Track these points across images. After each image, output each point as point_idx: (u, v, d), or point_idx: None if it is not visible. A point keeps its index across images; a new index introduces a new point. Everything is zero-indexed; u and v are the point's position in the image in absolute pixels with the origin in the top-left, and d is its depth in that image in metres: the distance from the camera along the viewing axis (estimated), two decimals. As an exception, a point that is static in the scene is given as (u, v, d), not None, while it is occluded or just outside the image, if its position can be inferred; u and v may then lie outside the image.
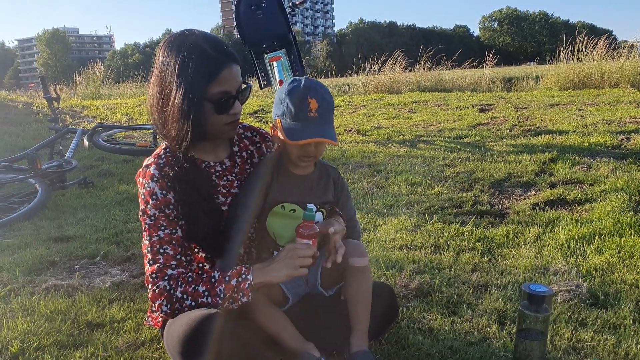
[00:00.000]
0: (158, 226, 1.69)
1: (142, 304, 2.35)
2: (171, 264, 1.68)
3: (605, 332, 1.97)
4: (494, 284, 2.38)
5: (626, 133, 5.07)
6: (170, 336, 1.65)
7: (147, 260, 1.71)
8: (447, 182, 3.92)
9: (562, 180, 3.81)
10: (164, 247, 1.69)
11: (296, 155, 1.78)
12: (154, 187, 1.69)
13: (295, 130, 1.70)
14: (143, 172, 1.73)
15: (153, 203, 1.69)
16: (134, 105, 9.87)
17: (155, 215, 1.69)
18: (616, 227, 2.90)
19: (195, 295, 1.64)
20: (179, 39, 1.68)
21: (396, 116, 7.47)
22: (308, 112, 1.70)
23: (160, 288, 1.66)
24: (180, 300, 1.64)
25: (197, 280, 1.66)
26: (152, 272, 1.69)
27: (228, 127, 1.75)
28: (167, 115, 1.68)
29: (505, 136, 5.47)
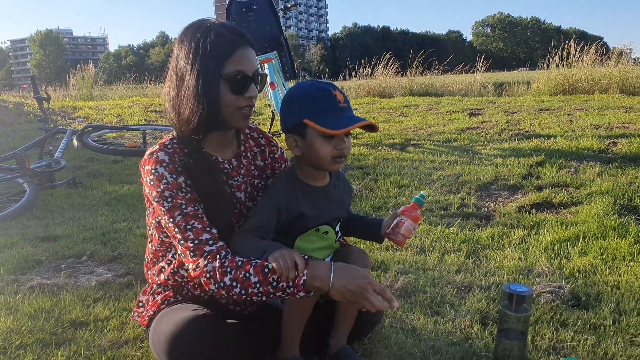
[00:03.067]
0: (178, 205, 1.60)
1: (126, 303, 2.35)
2: (203, 237, 1.59)
3: (585, 332, 1.99)
4: (477, 284, 2.40)
5: (613, 138, 5.12)
6: (157, 335, 1.64)
7: (177, 242, 1.61)
8: (434, 185, 3.94)
9: (549, 183, 3.84)
10: (191, 222, 1.59)
11: (330, 157, 1.64)
12: (162, 171, 1.61)
13: (335, 121, 1.59)
14: (148, 159, 1.64)
15: (164, 186, 1.60)
16: (125, 106, 9.86)
17: (172, 195, 1.60)
18: (600, 230, 2.93)
19: (246, 284, 1.53)
20: (194, 25, 1.66)
21: (387, 120, 7.50)
22: (338, 102, 1.62)
23: (200, 268, 1.56)
24: (229, 288, 1.54)
25: (246, 267, 1.54)
26: (189, 250, 1.58)
27: (241, 113, 1.67)
28: (181, 98, 1.63)
29: (494, 140, 5.50)
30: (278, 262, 1.50)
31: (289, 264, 1.50)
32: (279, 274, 1.50)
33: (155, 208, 1.67)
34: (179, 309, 1.66)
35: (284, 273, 1.49)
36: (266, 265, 1.53)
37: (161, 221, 1.66)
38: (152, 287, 1.85)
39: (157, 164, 1.61)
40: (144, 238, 3.13)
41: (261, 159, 1.91)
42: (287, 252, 1.53)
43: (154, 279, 1.81)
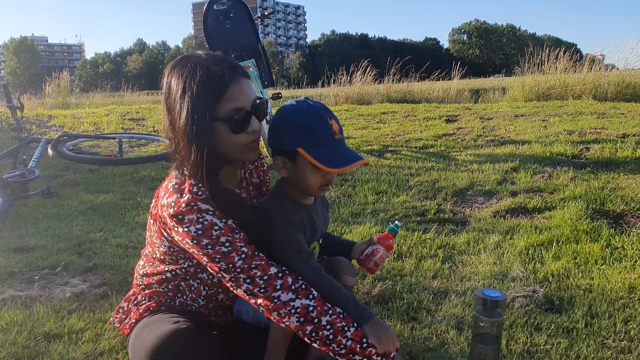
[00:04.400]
0: (237, 247, 1.52)
1: (102, 314, 2.32)
2: (271, 271, 1.53)
3: (558, 336, 2.02)
4: (453, 290, 2.42)
5: (586, 143, 5.22)
6: (138, 347, 1.62)
7: (243, 281, 1.52)
8: (411, 191, 3.97)
9: (524, 189, 3.89)
10: (253, 263, 1.52)
11: (319, 185, 1.63)
12: (211, 219, 1.51)
13: (331, 157, 1.56)
14: (187, 209, 1.50)
15: (218, 233, 1.51)
16: (102, 114, 9.75)
17: (229, 240, 1.52)
18: (573, 234, 2.98)
19: (339, 334, 1.51)
20: (181, 61, 1.57)
21: (365, 126, 7.54)
22: (334, 134, 1.57)
23: (282, 302, 1.51)
24: (319, 328, 1.51)
25: (348, 322, 1.53)
26: (256, 288, 1.52)
27: (248, 147, 1.59)
28: (177, 141, 1.55)
29: (470, 146, 5.57)
30: (381, 343, 1.53)
31: (391, 347, 1.54)
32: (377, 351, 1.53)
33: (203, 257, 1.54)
34: (161, 320, 1.63)
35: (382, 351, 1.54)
36: (365, 337, 1.53)
37: (210, 267, 1.55)
38: (137, 297, 1.82)
39: (202, 212, 1.51)
40: (120, 248, 3.10)
41: (256, 176, 1.87)
42: (389, 335, 1.55)
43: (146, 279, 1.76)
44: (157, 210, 1.60)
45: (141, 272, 1.77)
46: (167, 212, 1.52)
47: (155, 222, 1.63)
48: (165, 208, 1.53)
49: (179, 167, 1.57)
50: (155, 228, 1.64)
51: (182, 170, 1.56)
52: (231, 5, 4.95)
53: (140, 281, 1.79)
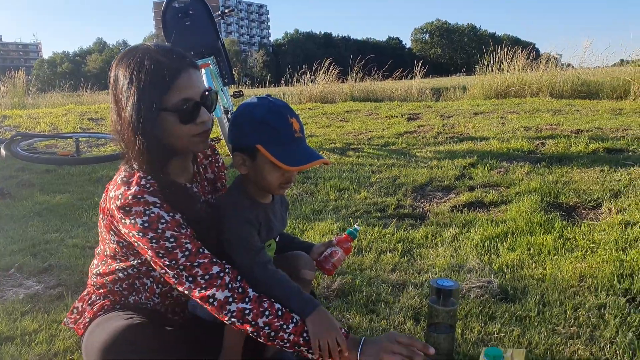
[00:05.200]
0: (181, 245, 1.51)
1: (57, 315, 2.28)
2: (213, 270, 1.52)
3: (512, 324, 2.08)
4: (411, 282, 2.46)
5: (542, 139, 5.36)
6: (90, 345, 1.59)
7: (185, 279, 1.51)
8: (372, 188, 4.02)
9: (481, 183, 3.98)
10: (196, 261, 1.51)
11: (278, 183, 1.63)
12: (158, 211, 1.50)
13: (289, 155, 1.56)
14: (134, 201, 1.49)
15: (164, 226, 1.50)
16: (59, 114, 9.54)
17: (175, 235, 1.51)
18: (527, 226, 3.06)
19: (278, 333, 1.52)
20: (129, 52, 1.54)
21: (329, 125, 7.58)
22: (294, 133, 1.57)
23: (219, 303, 1.51)
24: (259, 329, 1.52)
25: (286, 319, 1.53)
26: (199, 287, 1.51)
27: (198, 138, 1.57)
28: (123, 132, 1.53)
29: (430, 143, 5.66)
30: (317, 346, 1.51)
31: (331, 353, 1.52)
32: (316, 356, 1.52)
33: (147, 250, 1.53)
34: (114, 317, 1.62)
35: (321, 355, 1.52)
36: (305, 330, 1.52)
37: (153, 261, 1.54)
38: (91, 296, 1.80)
39: (149, 204, 1.50)
40: (77, 248, 3.05)
41: (211, 171, 1.86)
42: (328, 337, 1.52)
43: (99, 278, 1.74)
44: (106, 204, 1.58)
45: (94, 271, 1.75)
46: (115, 204, 1.50)
47: (104, 216, 1.61)
48: (113, 200, 1.51)
49: (127, 160, 1.55)
50: (105, 222, 1.61)
51: (131, 163, 1.54)
52: (190, 2, 4.91)
53: (94, 281, 1.77)
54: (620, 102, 8.61)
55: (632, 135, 5.28)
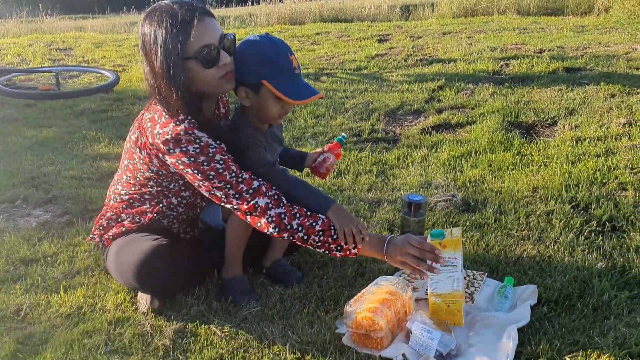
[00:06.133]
0: (229, 167, 1.74)
1: (71, 239, 2.53)
2: (254, 185, 1.75)
3: (472, 230, 2.42)
4: (386, 199, 2.77)
5: (506, 59, 5.61)
6: (123, 263, 1.90)
7: (232, 197, 1.75)
8: (347, 113, 4.26)
9: (448, 106, 4.26)
10: (240, 175, 1.75)
11: (278, 115, 1.85)
12: (207, 140, 1.73)
13: (292, 90, 1.75)
14: (185, 135, 1.71)
15: (214, 150, 1.73)
16: (24, 44, 9.34)
17: (223, 159, 1.74)
18: (489, 145, 3.38)
19: (310, 231, 1.76)
20: (150, 12, 1.72)
21: (300, 48, 7.66)
22: (294, 69, 1.77)
23: (261, 211, 1.74)
24: (294, 231, 1.76)
25: (314, 218, 1.77)
26: (246, 201, 1.74)
27: (223, 80, 1.75)
28: (159, 85, 1.72)
29: (401, 66, 5.86)
30: (343, 233, 1.76)
31: (353, 237, 1.76)
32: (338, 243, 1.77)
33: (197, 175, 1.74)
34: (139, 239, 1.92)
35: (345, 242, 1.77)
36: (332, 225, 1.77)
37: (203, 185, 1.76)
38: (120, 215, 2.05)
39: (198, 137, 1.73)
40: (75, 179, 3.26)
41: (222, 106, 2.09)
42: (351, 224, 1.76)
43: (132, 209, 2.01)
44: (147, 140, 1.81)
45: (122, 192, 2.02)
46: (163, 138, 1.73)
47: (142, 150, 1.85)
48: (161, 135, 1.74)
49: (164, 105, 1.76)
50: (143, 155, 1.86)
51: (169, 108, 1.74)
52: None
53: (119, 201, 2.04)
54: (584, 18, 8.82)
55: (591, 54, 5.56)
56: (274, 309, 1.91)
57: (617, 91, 4.15)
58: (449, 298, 1.72)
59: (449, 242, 1.70)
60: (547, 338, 1.65)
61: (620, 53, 5.52)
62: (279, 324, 1.81)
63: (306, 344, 1.70)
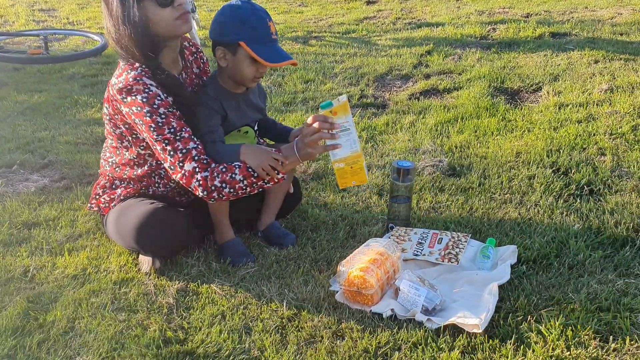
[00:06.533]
0: (169, 122, 1.82)
1: (70, 203, 2.61)
2: (189, 145, 1.84)
3: (457, 194, 2.53)
4: (375, 164, 2.87)
5: (493, 24, 5.65)
6: (122, 225, 1.99)
7: (168, 154, 1.84)
8: (337, 78, 4.32)
9: (436, 71, 4.32)
10: (179, 133, 1.83)
11: (252, 77, 1.93)
12: (155, 90, 1.82)
13: (268, 53, 1.85)
14: (134, 83, 1.80)
15: (159, 103, 1.81)
16: (6, 5, 9.16)
17: (166, 113, 1.82)
18: (475, 110, 3.47)
19: (233, 183, 1.84)
20: None
21: (288, 10, 7.61)
22: (271, 35, 1.87)
23: (188, 175, 1.83)
24: (220, 189, 1.85)
25: (231, 169, 1.85)
26: (178, 160, 1.83)
27: (179, 21, 1.82)
28: (116, 27, 1.80)
29: (389, 30, 5.88)
30: (262, 171, 1.84)
31: (273, 169, 1.85)
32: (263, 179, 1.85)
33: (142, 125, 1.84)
34: (136, 204, 2.00)
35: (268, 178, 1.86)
36: (249, 167, 1.85)
37: (147, 137, 1.86)
38: (113, 182, 2.14)
39: (147, 85, 1.81)
40: (70, 145, 3.32)
41: (196, 66, 2.17)
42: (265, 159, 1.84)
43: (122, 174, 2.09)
44: (109, 93, 1.91)
45: (110, 160, 2.10)
46: (117, 87, 1.83)
47: (109, 104, 1.95)
48: (115, 85, 1.84)
49: (124, 56, 1.86)
50: (110, 110, 1.95)
51: (128, 57, 1.84)
52: None
53: (110, 169, 2.13)
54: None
55: (577, 19, 5.62)
56: (271, 269, 2.02)
57: (600, 57, 4.24)
58: (350, 160, 1.84)
59: (338, 108, 1.80)
60: (525, 294, 1.78)
61: (606, 18, 5.58)
62: (275, 283, 1.93)
63: (302, 300, 1.82)
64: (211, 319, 1.76)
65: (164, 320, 1.77)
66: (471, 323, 1.61)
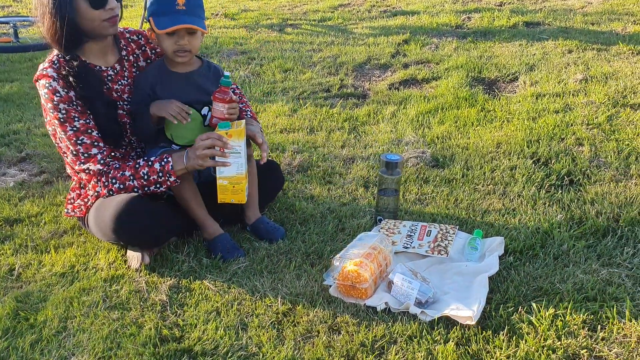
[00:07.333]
0: (72, 117, 1.91)
1: (52, 198, 2.57)
2: (92, 152, 1.93)
3: (442, 185, 2.57)
4: (359, 156, 2.89)
5: (468, 12, 5.70)
6: (100, 217, 1.97)
7: (70, 152, 1.94)
8: (315, 67, 4.31)
9: (414, 60, 4.35)
10: (80, 137, 1.92)
11: (172, 50, 1.97)
12: (55, 85, 1.88)
13: (163, 22, 1.91)
14: (41, 75, 1.90)
15: (58, 99, 1.89)
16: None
17: (66, 108, 1.90)
18: (455, 101, 3.51)
19: (122, 179, 1.94)
20: None
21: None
22: (175, 5, 1.90)
23: (93, 171, 1.93)
24: (111, 184, 1.94)
25: (123, 167, 1.95)
26: (78, 161, 1.94)
27: (107, 23, 1.90)
28: (41, 14, 1.86)
29: (365, 18, 5.88)
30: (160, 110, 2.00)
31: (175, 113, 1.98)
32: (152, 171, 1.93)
33: (51, 119, 1.94)
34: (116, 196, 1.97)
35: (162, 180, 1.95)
36: (137, 162, 1.93)
37: (55, 132, 1.96)
38: (80, 182, 2.12)
39: (49, 78, 1.88)
40: (47, 137, 3.24)
41: (143, 59, 2.18)
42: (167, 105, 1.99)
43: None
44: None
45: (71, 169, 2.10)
46: (34, 78, 1.93)
47: (45, 116, 2.04)
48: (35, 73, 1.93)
49: (47, 42, 1.91)
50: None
51: (50, 44, 1.90)
52: None
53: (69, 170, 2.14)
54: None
55: (549, 8, 5.70)
56: (262, 263, 2.02)
57: (574, 47, 4.33)
58: (234, 180, 1.95)
59: (235, 132, 1.92)
60: (514, 285, 1.83)
61: (577, 7, 5.68)
62: (268, 278, 1.94)
63: (296, 295, 1.83)
64: (206, 316, 1.76)
65: (159, 317, 1.76)
66: (464, 315, 1.65)
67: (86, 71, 1.95)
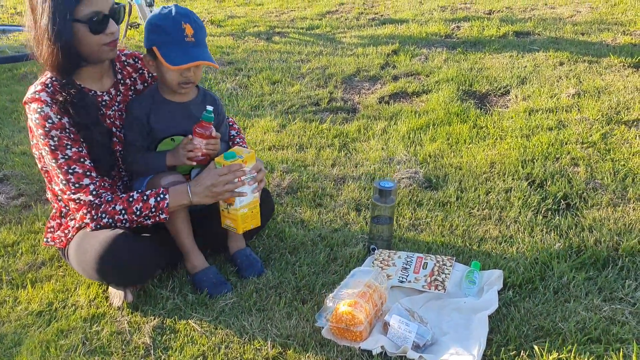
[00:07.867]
0: (64, 145, 1.79)
1: (29, 225, 2.45)
2: (84, 182, 1.82)
3: (436, 209, 2.50)
4: (350, 176, 2.81)
5: (457, 21, 5.64)
6: (83, 254, 1.86)
7: (60, 181, 1.82)
8: (304, 80, 4.22)
9: (404, 72, 4.27)
10: (72, 166, 1.81)
11: (176, 82, 1.88)
12: (48, 111, 1.76)
13: (175, 56, 1.81)
14: (32, 98, 1.78)
15: (50, 125, 1.77)
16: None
17: (58, 135, 1.78)
18: (446, 116, 3.44)
19: (112, 213, 1.82)
20: None
21: (248, 2, 7.44)
22: (185, 37, 1.81)
23: (84, 201, 1.82)
24: (100, 219, 1.82)
25: (115, 200, 1.83)
26: (68, 191, 1.81)
27: (107, 47, 1.82)
28: (38, 39, 1.74)
29: (353, 26, 5.80)
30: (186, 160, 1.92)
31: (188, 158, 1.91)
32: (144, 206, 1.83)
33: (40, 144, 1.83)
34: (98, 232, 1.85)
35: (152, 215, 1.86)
36: (131, 195, 1.83)
37: (45, 158, 1.84)
38: (61, 210, 2.01)
39: (42, 103, 1.76)
40: (27, 156, 3.12)
41: (141, 82, 2.08)
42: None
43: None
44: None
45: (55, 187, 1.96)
46: (24, 99, 1.81)
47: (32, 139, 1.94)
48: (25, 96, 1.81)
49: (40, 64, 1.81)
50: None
51: (43, 65, 1.80)
52: None
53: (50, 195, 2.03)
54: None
55: (538, 16, 5.66)
56: (250, 300, 1.93)
57: (565, 59, 4.28)
58: (251, 205, 1.94)
59: (248, 157, 1.90)
60: (514, 324, 1.75)
61: (566, 16, 5.65)
62: (257, 317, 1.84)
63: (286, 337, 1.74)
64: (192, 361, 1.67)
65: (141, 363, 1.67)
66: (464, 360, 1.57)
67: (82, 97, 1.85)
